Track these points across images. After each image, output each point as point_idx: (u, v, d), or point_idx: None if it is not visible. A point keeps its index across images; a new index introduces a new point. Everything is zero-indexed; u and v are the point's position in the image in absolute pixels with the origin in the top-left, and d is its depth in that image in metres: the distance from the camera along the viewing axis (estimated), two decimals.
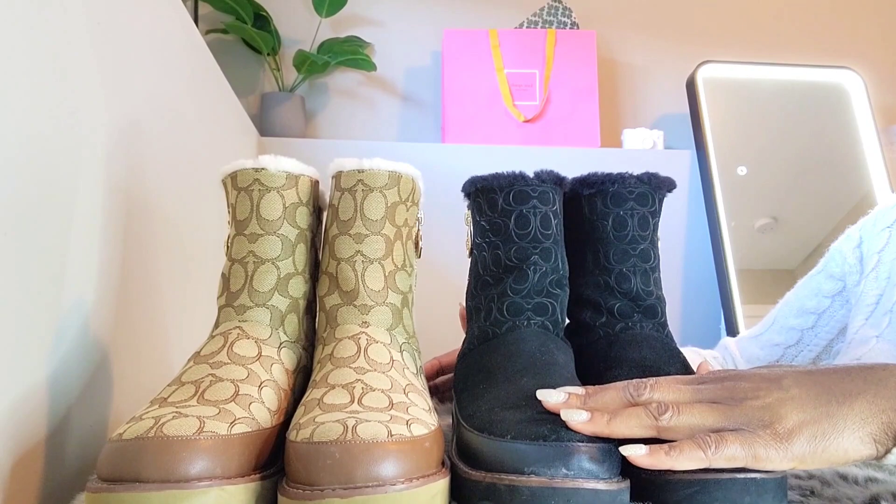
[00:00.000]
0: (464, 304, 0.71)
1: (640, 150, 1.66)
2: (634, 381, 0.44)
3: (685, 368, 0.52)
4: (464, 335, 0.57)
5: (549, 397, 0.42)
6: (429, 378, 0.75)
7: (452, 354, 0.76)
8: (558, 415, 0.41)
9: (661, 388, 0.43)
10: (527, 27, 1.77)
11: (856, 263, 0.72)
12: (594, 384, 0.45)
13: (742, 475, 0.40)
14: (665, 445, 0.39)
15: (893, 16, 1.98)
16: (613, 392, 0.43)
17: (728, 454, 0.38)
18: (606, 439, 0.40)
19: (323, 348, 0.48)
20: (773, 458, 0.38)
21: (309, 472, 0.36)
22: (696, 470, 0.40)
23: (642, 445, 0.39)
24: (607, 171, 0.58)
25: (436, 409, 0.47)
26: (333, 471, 0.35)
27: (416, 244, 0.54)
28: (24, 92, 0.48)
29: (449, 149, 1.60)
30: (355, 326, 0.48)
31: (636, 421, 0.41)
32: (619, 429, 0.40)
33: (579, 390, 0.43)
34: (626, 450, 0.39)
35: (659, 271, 0.57)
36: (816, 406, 0.40)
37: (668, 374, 0.50)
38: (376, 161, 0.51)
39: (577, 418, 0.40)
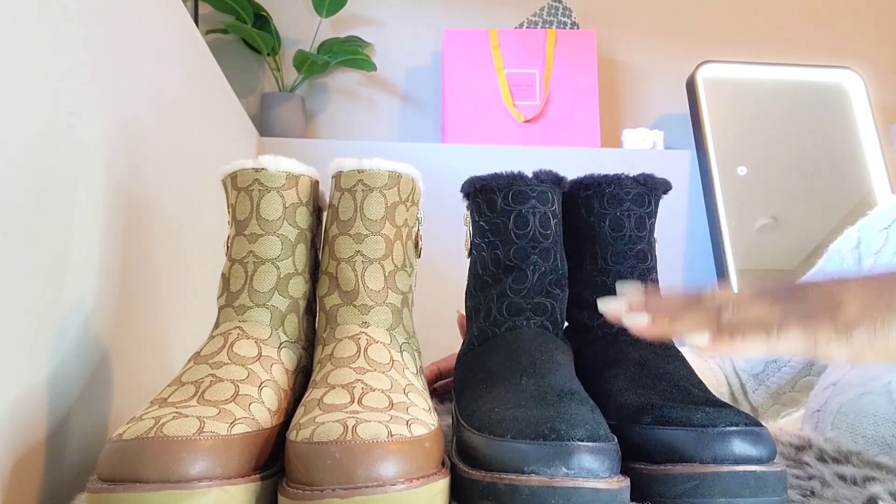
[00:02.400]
0: (462, 311, 0.71)
1: (640, 150, 1.66)
2: (696, 288, 0.44)
3: (684, 367, 0.52)
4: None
5: (612, 304, 0.43)
6: (428, 384, 0.76)
7: (451, 359, 0.76)
8: (558, 414, 0.41)
9: (723, 292, 0.43)
10: (527, 27, 1.77)
11: (854, 264, 0.72)
12: (593, 384, 0.45)
13: (741, 468, 0.40)
14: (728, 333, 0.39)
15: (893, 16, 1.98)
16: (675, 297, 0.43)
17: (790, 341, 0.39)
18: (606, 439, 0.40)
19: (323, 348, 0.48)
20: (833, 346, 0.39)
21: (309, 472, 0.36)
22: (696, 464, 0.40)
23: (705, 332, 0.40)
24: (607, 171, 0.58)
25: (436, 409, 0.47)
26: (333, 471, 0.35)
27: (416, 244, 0.54)
28: (24, 92, 0.48)
29: (449, 149, 1.60)
30: (355, 326, 0.48)
31: (698, 319, 0.41)
32: (680, 328, 0.40)
33: (639, 294, 0.44)
34: (689, 337, 0.40)
35: (656, 272, 0.57)
36: (879, 297, 0.39)
37: (667, 372, 0.50)
38: (376, 161, 0.51)
39: (640, 322, 0.40)
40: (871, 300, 0.40)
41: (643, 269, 0.56)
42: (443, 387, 0.76)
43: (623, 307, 0.43)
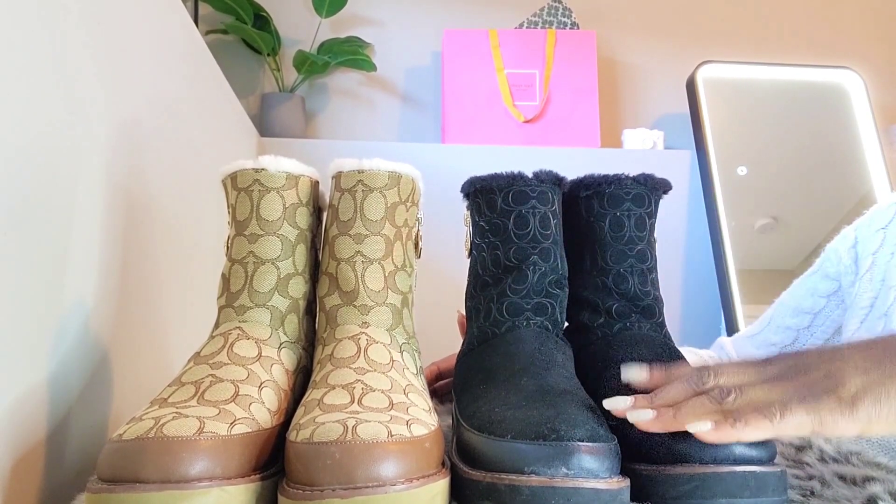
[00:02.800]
0: (462, 311, 0.71)
1: (640, 151, 1.66)
2: (698, 368, 0.43)
3: None
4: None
5: (617, 404, 0.43)
6: (428, 384, 0.76)
7: (451, 359, 0.76)
8: (558, 414, 0.41)
9: (724, 373, 0.42)
10: (527, 27, 1.77)
11: (851, 264, 0.72)
12: (593, 384, 0.45)
13: (741, 468, 0.40)
14: (731, 419, 0.39)
15: (893, 16, 1.98)
16: (678, 385, 0.43)
17: (794, 422, 0.38)
18: (606, 439, 0.40)
19: (323, 349, 0.48)
20: (840, 423, 0.38)
21: (309, 472, 0.36)
22: (696, 464, 0.40)
23: (708, 422, 0.39)
24: (607, 171, 0.58)
25: (435, 409, 0.47)
26: (333, 471, 0.35)
27: (416, 244, 0.54)
28: (25, 92, 0.48)
29: (449, 149, 1.60)
30: (355, 327, 0.48)
31: (701, 409, 0.41)
32: (686, 420, 0.40)
33: (644, 376, 0.44)
34: (692, 427, 0.39)
35: (656, 272, 0.57)
36: (879, 368, 0.39)
37: None
38: (376, 161, 0.51)
39: (644, 417, 0.40)
40: (872, 371, 0.39)
41: (643, 269, 0.56)
42: (443, 387, 0.76)
43: (628, 405, 0.43)
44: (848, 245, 0.73)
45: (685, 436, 0.41)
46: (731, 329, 1.48)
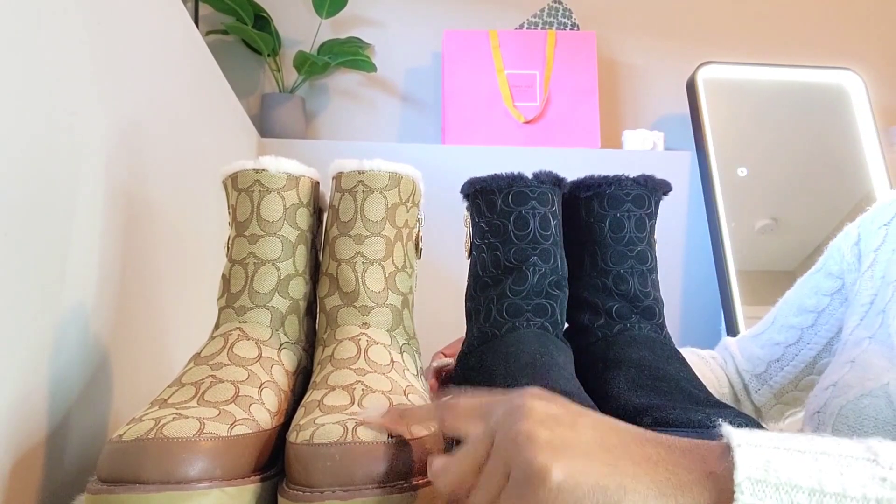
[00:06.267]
0: (434, 365, 0.71)
1: (640, 152, 1.66)
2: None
3: (684, 368, 0.52)
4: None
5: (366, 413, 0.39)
6: (438, 373, 0.76)
7: (456, 344, 0.76)
8: None
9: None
10: (527, 28, 1.77)
11: (854, 261, 0.72)
12: (594, 385, 0.45)
13: None
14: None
15: (893, 16, 1.98)
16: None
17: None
18: None
19: (323, 349, 0.48)
20: None
21: (309, 473, 0.36)
22: None
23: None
24: (607, 172, 0.58)
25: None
26: (333, 472, 0.35)
27: (417, 245, 0.54)
28: (24, 93, 0.48)
29: (449, 150, 1.60)
30: (355, 328, 0.48)
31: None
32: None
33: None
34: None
35: (656, 273, 0.57)
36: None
37: (667, 373, 0.50)
38: (377, 162, 0.51)
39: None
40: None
41: (643, 270, 0.56)
42: (447, 371, 0.75)
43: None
44: (851, 242, 0.73)
45: (686, 435, 0.41)
46: (732, 330, 1.48)
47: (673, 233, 1.64)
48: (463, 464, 0.35)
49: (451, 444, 0.48)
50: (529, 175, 0.54)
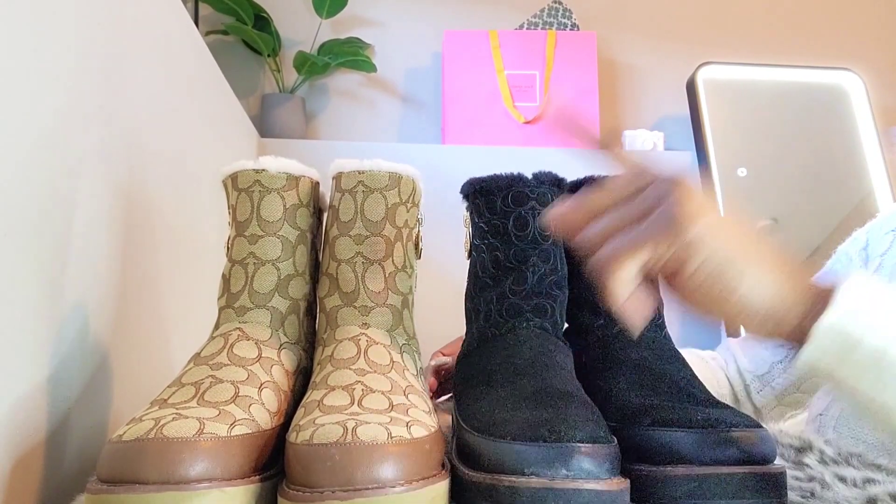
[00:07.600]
0: (433, 363, 0.72)
1: (640, 152, 1.66)
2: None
3: (684, 368, 0.52)
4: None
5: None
6: (437, 373, 0.76)
7: (455, 344, 0.76)
8: (558, 415, 0.41)
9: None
10: (527, 28, 1.77)
11: (861, 265, 0.72)
12: (593, 385, 0.45)
13: (741, 469, 0.40)
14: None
15: (893, 16, 1.98)
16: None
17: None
18: (606, 440, 0.40)
19: (323, 350, 0.48)
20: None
21: (309, 473, 0.36)
22: (696, 465, 0.40)
23: None
24: (607, 172, 0.58)
25: (436, 408, 0.47)
26: (333, 473, 0.35)
27: (417, 245, 0.54)
28: (24, 93, 0.48)
29: (449, 150, 1.60)
30: (355, 328, 0.48)
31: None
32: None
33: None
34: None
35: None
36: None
37: (667, 373, 0.50)
38: (377, 162, 0.51)
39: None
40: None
41: None
42: (447, 369, 0.76)
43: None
44: (859, 247, 0.73)
45: (685, 436, 0.41)
46: (731, 331, 1.48)
47: None
48: (601, 199, 0.42)
49: (451, 445, 0.48)
50: (529, 175, 0.54)
